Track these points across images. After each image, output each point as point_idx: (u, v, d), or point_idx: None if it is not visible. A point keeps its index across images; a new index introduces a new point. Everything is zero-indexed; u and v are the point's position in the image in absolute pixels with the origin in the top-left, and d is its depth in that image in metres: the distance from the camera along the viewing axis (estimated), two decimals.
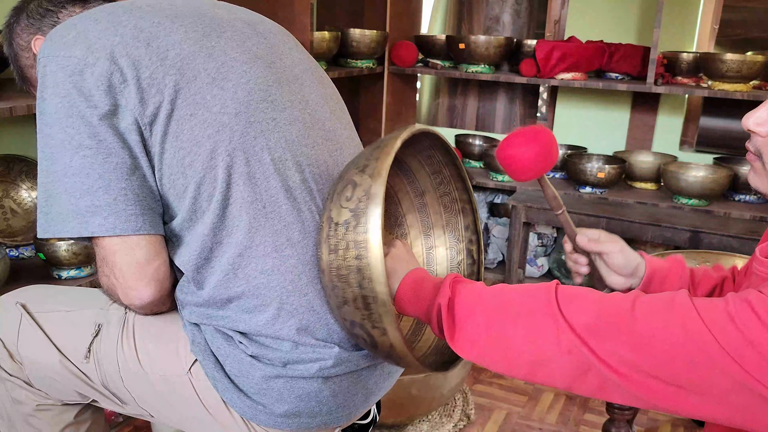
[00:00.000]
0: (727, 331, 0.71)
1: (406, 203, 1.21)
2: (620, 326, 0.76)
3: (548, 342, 0.80)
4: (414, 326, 1.18)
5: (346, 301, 0.92)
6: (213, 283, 0.96)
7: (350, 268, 0.90)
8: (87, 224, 0.91)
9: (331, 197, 0.94)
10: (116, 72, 0.90)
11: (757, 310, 0.70)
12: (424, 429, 2.02)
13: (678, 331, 0.73)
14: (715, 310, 0.73)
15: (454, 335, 0.88)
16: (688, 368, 0.72)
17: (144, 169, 0.93)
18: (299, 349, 0.99)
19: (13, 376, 1.14)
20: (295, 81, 1.05)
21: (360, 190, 0.90)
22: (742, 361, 0.70)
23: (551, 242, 3.19)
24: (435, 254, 1.21)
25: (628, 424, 1.74)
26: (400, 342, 0.91)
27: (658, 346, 0.74)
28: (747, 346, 0.69)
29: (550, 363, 0.81)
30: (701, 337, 0.72)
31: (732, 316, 0.71)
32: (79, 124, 0.90)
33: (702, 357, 0.72)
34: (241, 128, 0.95)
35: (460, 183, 1.16)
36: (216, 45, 0.98)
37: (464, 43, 2.93)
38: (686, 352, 0.72)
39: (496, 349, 0.85)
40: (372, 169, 0.90)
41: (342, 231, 0.90)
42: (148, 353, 1.06)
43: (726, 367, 0.70)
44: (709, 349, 0.71)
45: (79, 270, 1.83)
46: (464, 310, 0.88)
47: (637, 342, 0.75)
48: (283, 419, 1.00)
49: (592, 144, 3.17)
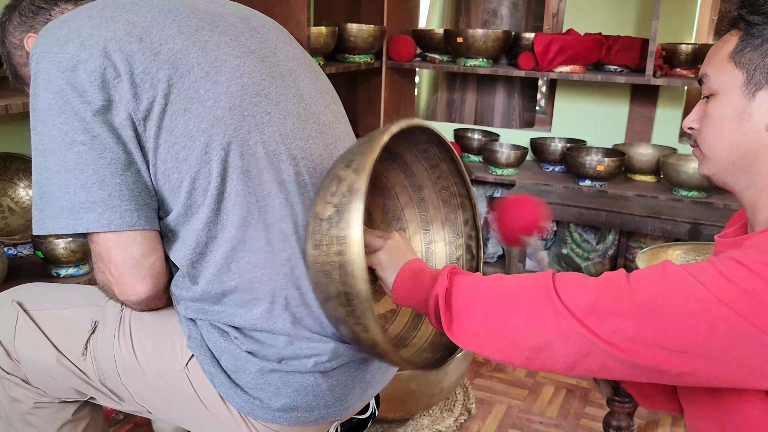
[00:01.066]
0: (722, 284, 0.75)
1: (404, 198, 1.20)
2: (620, 300, 0.79)
3: (547, 328, 0.82)
4: (410, 321, 1.17)
5: (330, 297, 0.92)
6: (207, 277, 0.96)
7: (333, 264, 0.89)
8: (82, 220, 0.90)
9: (318, 192, 0.94)
10: (109, 67, 0.90)
11: (744, 262, 0.75)
12: (424, 423, 2.02)
13: (677, 294, 0.76)
14: (706, 270, 0.77)
15: (451, 326, 0.89)
16: (691, 329, 0.75)
17: (138, 164, 0.93)
18: (294, 345, 0.98)
19: (10, 374, 1.14)
20: (289, 75, 1.05)
21: (344, 186, 0.89)
22: (742, 310, 0.73)
23: (551, 235, 3.19)
24: (434, 249, 1.21)
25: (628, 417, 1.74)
26: (382, 339, 0.91)
27: (660, 311, 0.76)
28: (744, 296, 0.74)
29: (549, 348, 0.82)
30: (700, 295, 0.75)
31: (723, 273, 0.76)
32: (72, 120, 0.89)
33: (703, 315, 0.75)
34: (235, 122, 0.95)
35: (458, 178, 1.15)
36: (209, 39, 0.97)
37: (462, 37, 2.92)
38: (688, 313, 0.75)
39: (495, 338, 0.86)
40: (357, 164, 0.89)
41: (326, 226, 0.90)
42: (145, 349, 1.05)
43: (727, 320, 0.74)
44: (709, 305, 0.75)
45: (77, 268, 1.82)
46: (462, 301, 0.89)
47: (638, 311, 0.77)
48: (281, 414, 1.00)
49: (592, 137, 3.17)
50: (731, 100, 0.87)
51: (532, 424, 2.09)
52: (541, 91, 3.42)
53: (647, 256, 1.80)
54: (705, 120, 0.91)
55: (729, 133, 0.88)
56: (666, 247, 1.86)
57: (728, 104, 0.88)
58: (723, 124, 0.88)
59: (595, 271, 3.01)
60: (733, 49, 0.87)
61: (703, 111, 0.93)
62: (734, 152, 0.88)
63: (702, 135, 0.92)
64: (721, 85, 0.88)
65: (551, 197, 2.69)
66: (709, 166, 0.92)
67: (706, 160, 0.93)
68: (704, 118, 0.92)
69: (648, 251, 1.81)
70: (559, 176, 3.03)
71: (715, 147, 0.90)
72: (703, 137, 0.92)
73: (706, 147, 0.92)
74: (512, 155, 2.97)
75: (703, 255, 1.85)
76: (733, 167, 0.89)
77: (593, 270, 3.01)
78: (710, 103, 0.90)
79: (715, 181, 0.93)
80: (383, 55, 3.10)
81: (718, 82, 0.88)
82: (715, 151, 0.90)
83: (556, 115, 3.26)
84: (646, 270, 0.81)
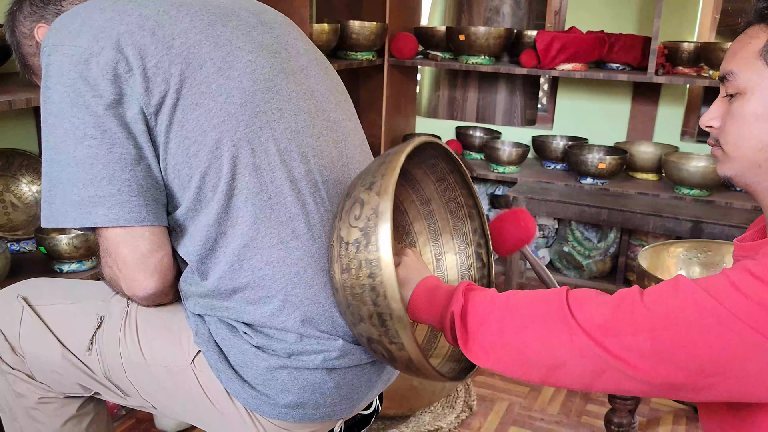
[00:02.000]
0: (735, 298, 0.74)
1: (412, 212, 1.22)
2: (635, 317, 0.78)
3: (562, 346, 0.82)
4: (429, 334, 1.19)
5: (362, 318, 0.93)
6: (218, 273, 0.96)
7: (364, 287, 0.90)
8: (90, 214, 0.90)
9: (340, 216, 0.95)
10: (122, 61, 0.90)
11: (758, 275, 0.74)
12: (426, 420, 2.02)
13: (691, 309, 0.76)
14: (718, 284, 0.76)
15: (467, 343, 0.90)
16: (705, 345, 0.75)
17: (149, 159, 0.93)
18: (304, 341, 0.98)
19: (15, 370, 1.14)
20: (300, 71, 1.05)
21: (368, 209, 0.90)
22: (756, 324, 0.73)
23: (552, 233, 3.19)
24: (444, 260, 1.23)
25: (630, 414, 1.74)
26: (418, 356, 0.92)
27: (673, 328, 0.76)
28: (757, 310, 0.73)
29: (565, 367, 0.82)
30: (713, 309, 0.75)
31: (737, 285, 0.75)
32: (84, 113, 0.89)
33: (716, 329, 0.74)
34: (246, 118, 0.95)
35: (465, 189, 1.17)
36: (222, 34, 0.97)
37: (464, 35, 2.92)
38: (701, 328, 0.75)
39: (510, 356, 0.86)
40: (378, 186, 0.91)
41: (353, 250, 0.91)
42: (151, 345, 1.05)
43: (741, 334, 0.73)
44: (722, 319, 0.74)
45: (80, 263, 1.82)
46: (477, 318, 0.89)
47: (652, 329, 0.77)
48: (287, 410, 1.00)
49: (593, 135, 3.17)
50: (762, 98, 0.84)
51: (534, 421, 2.09)
52: (543, 89, 3.41)
53: (649, 254, 1.80)
54: (729, 118, 0.88)
55: (758, 132, 0.85)
56: (668, 244, 1.86)
57: (759, 103, 0.84)
58: (752, 123, 0.85)
59: (596, 269, 3.02)
60: (764, 47, 0.83)
61: (725, 109, 0.89)
62: (763, 152, 0.85)
63: (725, 134, 0.89)
64: (750, 83, 0.85)
65: (552, 195, 2.70)
66: (732, 166, 0.89)
67: (729, 160, 0.89)
68: (727, 116, 0.88)
69: (649, 249, 1.81)
70: (561, 174, 3.03)
71: (742, 146, 0.87)
72: (727, 136, 0.88)
73: (731, 146, 0.88)
74: (514, 153, 2.97)
75: (705, 252, 1.85)
76: (759, 168, 0.86)
77: (594, 268, 3.01)
78: (736, 101, 0.87)
79: (737, 182, 0.90)
80: (385, 52, 3.10)
81: (745, 79, 0.85)
82: (741, 151, 0.87)
83: (558, 112, 3.26)
84: (659, 286, 0.81)
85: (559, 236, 3.18)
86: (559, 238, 3.18)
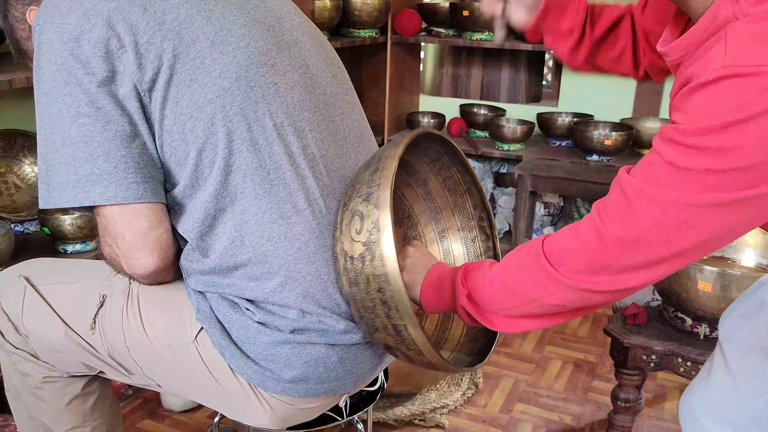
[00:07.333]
0: (680, 177, 0.74)
1: (410, 195, 1.22)
2: (602, 252, 0.82)
3: (561, 296, 0.87)
4: (439, 324, 1.22)
5: (377, 329, 0.95)
6: (219, 250, 0.96)
7: (374, 301, 0.92)
8: (88, 193, 0.90)
9: (340, 228, 0.95)
10: (113, 38, 0.89)
11: (685, 142, 0.73)
12: (432, 398, 2.02)
13: (650, 216, 0.77)
14: (658, 170, 0.76)
15: (492, 322, 0.95)
16: (674, 234, 0.77)
17: (144, 136, 0.92)
18: (306, 318, 0.98)
19: (19, 349, 1.14)
20: (295, 45, 1.03)
21: (368, 222, 0.91)
22: (713, 188, 0.73)
23: (558, 211, 3.18)
24: (448, 237, 1.24)
25: (636, 389, 1.74)
26: (437, 359, 0.95)
27: (643, 240, 0.78)
28: (705, 175, 0.73)
29: (570, 304, 0.88)
30: (669, 199, 0.75)
31: (672, 163, 0.75)
32: (77, 91, 0.88)
33: (679, 214, 0.75)
34: (242, 93, 0.94)
35: (461, 167, 1.17)
36: (214, 8, 0.96)
37: (468, 11, 2.89)
38: (668, 223, 0.76)
39: (529, 316, 0.92)
40: (376, 198, 0.91)
41: (359, 265, 0.92)
42: (153, 323, 1.05)
43: (707, 202, 0.74)
44: (681, 203, 0.75)
45: (84, 244, 1.82)
46: (484, 297, 0.94)
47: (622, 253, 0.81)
48: (291, 385, 1.00)
49: (599, 111, 3.14)
50: None
51: (540, 398, 2.09)
52: (548, 66, 3.38)
53: None
54: None
55: None
56: None
57: None
58: None
59: None
60: None
61: None
62: None
63: None
64: None
65: (558, 172, 2.68)
66: None
67: None
68: None
69: None
70: (566, 151, 3.00)
71: None
72: None
73: None
74: (519, 130, 2.95)
75: None
76: None
77: None
78: None
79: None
80: (388, 29, 3.07)
81: None
82: None
83: (563, 89, 3.23)
84: (612, 205, 0.81)
85: (564, 214, 3.17)
86: (564, 215, 3.16)
